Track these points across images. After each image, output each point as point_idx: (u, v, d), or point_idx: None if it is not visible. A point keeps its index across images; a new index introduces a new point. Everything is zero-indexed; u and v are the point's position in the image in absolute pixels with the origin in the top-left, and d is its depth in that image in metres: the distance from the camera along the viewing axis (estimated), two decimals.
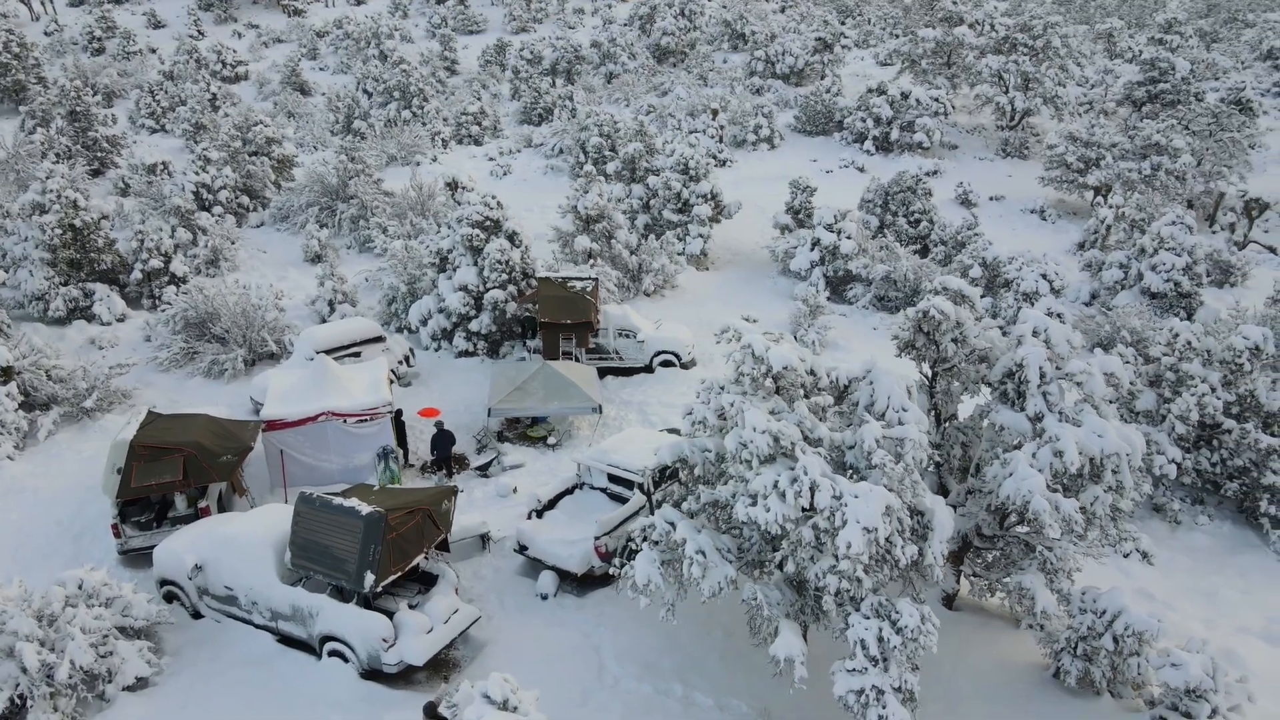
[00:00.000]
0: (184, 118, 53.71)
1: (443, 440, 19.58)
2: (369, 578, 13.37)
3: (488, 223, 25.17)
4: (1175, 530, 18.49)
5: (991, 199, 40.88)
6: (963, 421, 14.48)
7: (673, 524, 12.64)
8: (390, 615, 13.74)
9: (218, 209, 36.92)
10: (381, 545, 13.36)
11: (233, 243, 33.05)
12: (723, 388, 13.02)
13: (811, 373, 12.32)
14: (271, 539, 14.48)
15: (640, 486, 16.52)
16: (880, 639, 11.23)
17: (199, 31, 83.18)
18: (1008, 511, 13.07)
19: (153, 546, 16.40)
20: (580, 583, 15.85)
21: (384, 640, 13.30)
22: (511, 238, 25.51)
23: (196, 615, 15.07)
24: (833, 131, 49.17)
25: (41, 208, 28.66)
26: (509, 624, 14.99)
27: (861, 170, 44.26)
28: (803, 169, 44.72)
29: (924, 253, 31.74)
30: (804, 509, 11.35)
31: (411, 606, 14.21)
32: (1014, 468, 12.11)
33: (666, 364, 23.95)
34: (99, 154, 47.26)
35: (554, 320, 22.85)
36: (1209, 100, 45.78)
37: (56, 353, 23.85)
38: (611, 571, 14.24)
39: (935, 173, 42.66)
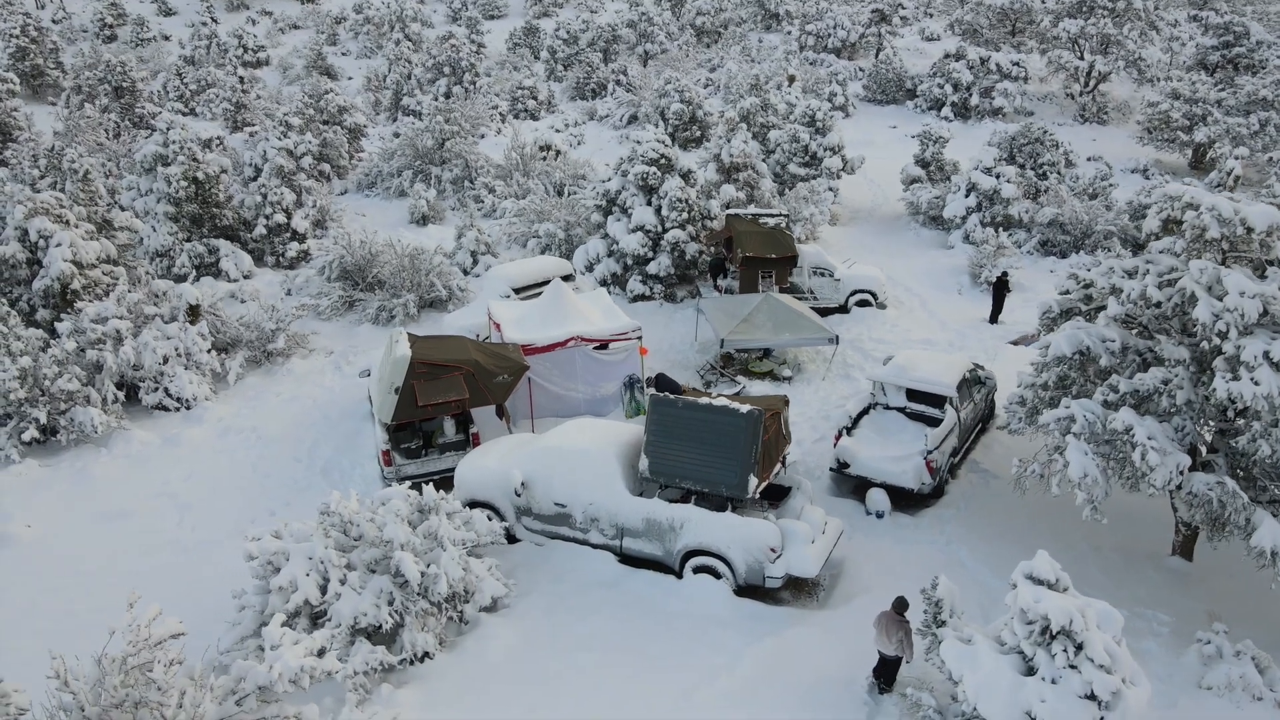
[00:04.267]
0: (222, 97, 52.04)
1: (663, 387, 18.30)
2: (752, 482, 12.18)
3: (662, 160, 24.00)
4: None
5: (1089, 159, 40.33)
6: None
7: (1092, 415, 11.61)
8: None
9: (301, 175, 35.47)
10: (760, 447, 12.19)
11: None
12: (1129, 272, 12.02)
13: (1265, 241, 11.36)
14: (613, 449, 13.19)
15: (950, 401, 15.54)
16: None
17: (212, 18, 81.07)
18: None
19: (425, 475, 15.10)
20: (907, 500, 14.78)
21: (771, 550, 12.10)
22: (685, 176, 24.37)
23: (511, 539, 13.73)
24: (903, 100, 48.56)
25: (164, 159, 27.04)
26: (852, 543, 13.86)
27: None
28: (884, 136, 44.10)
29: None
30: None
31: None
32: None
33: (862, 304, 22.91)
34: (146, 130, 45.58)
35: (758, 255, 21.72)
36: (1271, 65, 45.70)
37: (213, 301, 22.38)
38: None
39: None
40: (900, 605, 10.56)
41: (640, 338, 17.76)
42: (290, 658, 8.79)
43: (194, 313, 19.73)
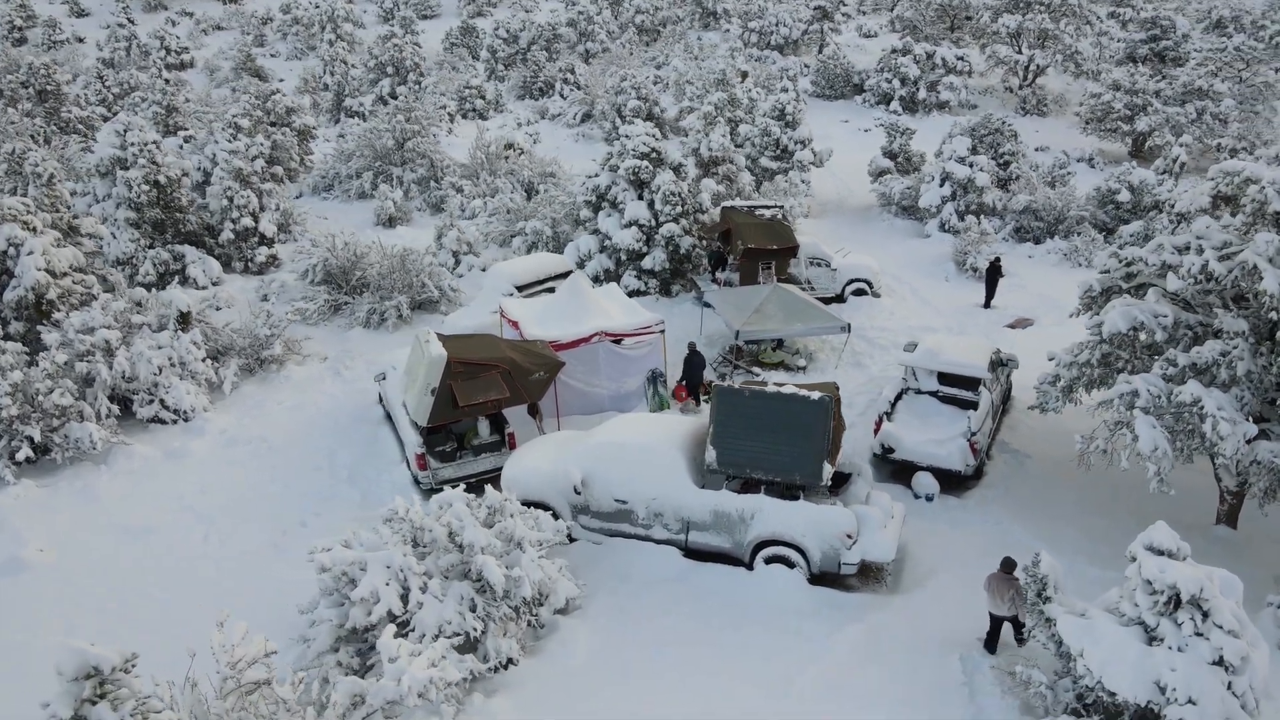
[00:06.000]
0: (151, 100, 49.94)
1: (694, 363, 18.15)
2: (827, 469, 12.07)
3: (653, 154, 23.78)
4: None
5: (1036, 149, 41.49)
6: None
7: (1156, 388, 11.82)
8: None
9: (255, 178, 34.23)
10: (830, 433, 12.10)
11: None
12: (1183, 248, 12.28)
13: None
14: (675, 441, 12.91)
15: (984, 383, 15.72)
16: None
17: (129, 19, 77.85)
18: None
19: (462, 478, 14.60)
20: (948, 482, 14.88)
21: (848, 536, 11.99)
22: (677, 170, 24.19)
23: (568, 538, 13.32)
24: (851, 95, 49.30)
25: (122, 162, 25.73)
26: (907, 526, 13.83)
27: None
28: (837, 130, 44.65)
29: None
30: None
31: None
32: None
33: (858, 293, 23.09)
34: (73, 135, 43.47)
35: (760, 246, 21.66)
36: (1192, 60, 47.75)
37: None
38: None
39: None
40: (1008, 565, 10.72)
41: (663, 331, 17.53)
42: (417, 670, 8.32)
43: (185, 320, 18.78)
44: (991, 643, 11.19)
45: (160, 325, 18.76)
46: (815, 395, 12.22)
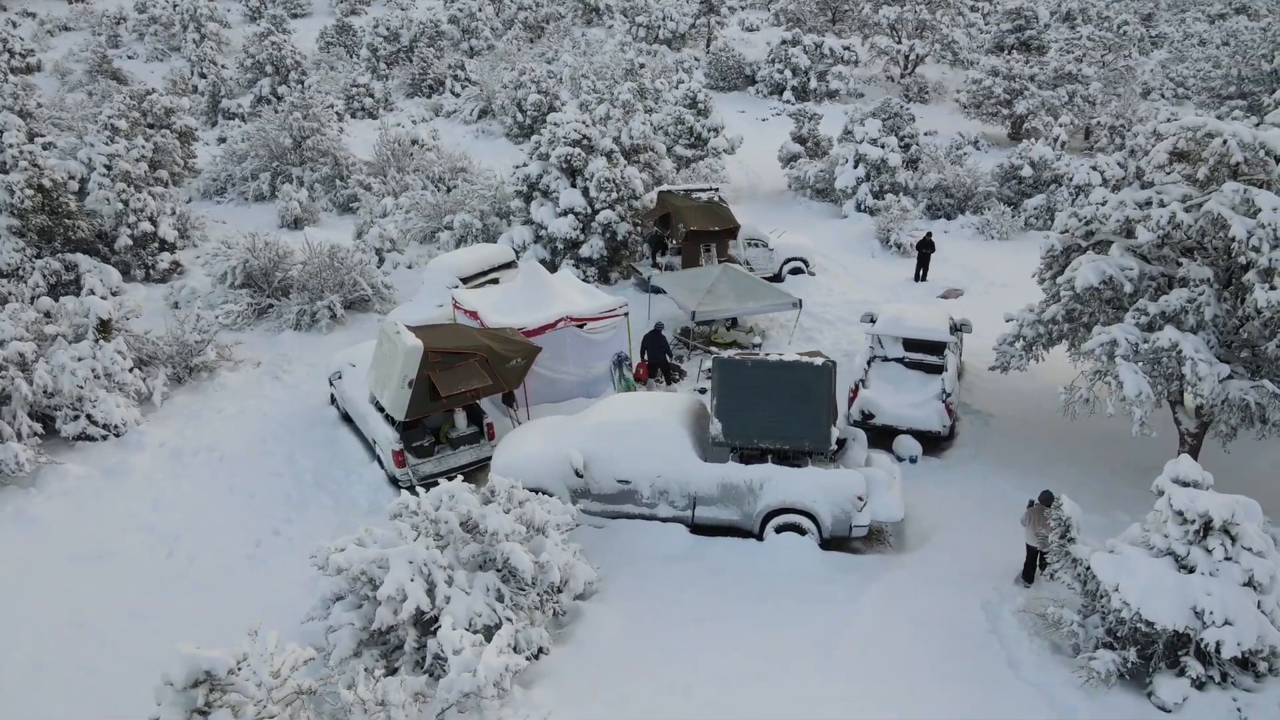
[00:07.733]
0: (2, 105, 46.23)
1: (657, 342, 17.99)
2: (834, 433, 12.10)
3: (585, 141, 23.47)
4: None
5: (926, 134, 43.16)
6: None
7: (1133, 336, 12.39)
8: None
9: (142, 182, 32.11)
10: (834, 398, 12.15)
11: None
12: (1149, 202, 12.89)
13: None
14: (676, 417, 12.69)
15: (948, 346, 16.16)
16: None
17: None
18: None
19: (443, 473, 13.98)
20: (925, 444, 15.22)
21: (859, 498, 12.06)
22: (609, 156, 23.95)
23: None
24: (744, 86, 50.14)
25: (1, 166, 23.63)
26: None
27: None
28: (734, 120, 45.25)
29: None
30: None
31: None
32: None
33: (795, 271, 23.44)
34: None
35: (701, 228, 21.68)
36: (1053, 48, 50.81)
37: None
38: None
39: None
40: (1046, 498, 11.07)
41: (627, 314, 17.30)
42: (490, 659, 7.84)
43: (105, 328, 17.33)
44: (1029, 573, 11.58)
45: (77, 335, 17.28)
46: (817, 361, 12.28)
